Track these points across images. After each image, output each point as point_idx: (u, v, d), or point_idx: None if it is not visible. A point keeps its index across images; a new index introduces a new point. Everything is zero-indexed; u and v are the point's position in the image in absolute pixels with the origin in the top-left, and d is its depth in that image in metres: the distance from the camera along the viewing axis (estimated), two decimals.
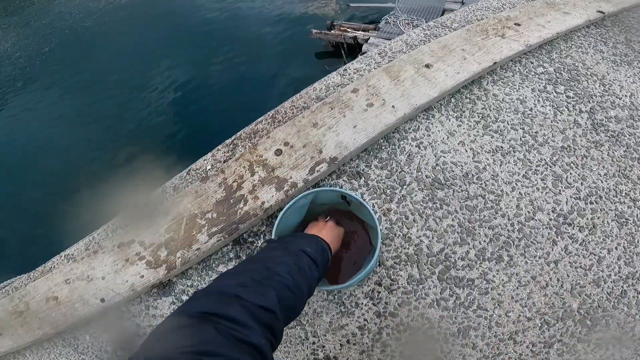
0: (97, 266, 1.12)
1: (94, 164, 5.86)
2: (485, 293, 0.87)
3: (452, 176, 1.01)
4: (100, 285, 1.09)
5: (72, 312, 1.09)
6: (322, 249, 0.71)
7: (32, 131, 7.12)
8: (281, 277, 0.54)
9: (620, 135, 1.10)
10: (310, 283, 0.60)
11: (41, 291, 1.15)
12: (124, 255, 1.11)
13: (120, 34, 9.57)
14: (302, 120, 1.22)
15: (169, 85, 7.50)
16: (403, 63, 1.34)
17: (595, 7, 1.68)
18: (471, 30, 1.49)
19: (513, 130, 1.10)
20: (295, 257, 0.61)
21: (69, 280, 1.14)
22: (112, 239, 1.15)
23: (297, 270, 0.58)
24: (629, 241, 0.94)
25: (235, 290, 0.47)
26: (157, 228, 1.12)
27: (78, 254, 1.23)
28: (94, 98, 7.61)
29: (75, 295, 1.10)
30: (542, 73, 1.26)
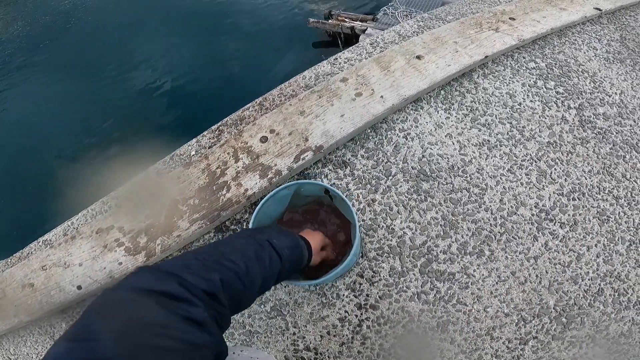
0: (74, 252, 1.10)
1: (77, 148, 5.77)
2: (465, 287, 0.88)
3: (437, 168, 1.01)
4: (77, 272, 1.07)
5: (48, 299, 1.07)
6: (295, 245, 0.68)
7: (15, 113, 6.97)
8: (232, 263, 0.52)
9: (607, 132, 1.11)
10: (266, 276, 0.57)
11: (17, 278, 1.13)
12: (102, 242, 1.09)
13: (115, 17, 9.39)
14: (290, 108, 1.21)
15: (160, 70, 7.40)
16: (394, 54, 1.33)
17: (593, 4, 1.68)
18: (465, 23, 1.48)
19: (501, 124, 1.10)
20: (257, 247, 0.59)
21: (46, 266, 1.12)
22: (91, 225, 1.13)
23: (255, 259, 0.56)
24: (609, 239, 0.95)
25: (176, 269, 0.45)
26: (137, 214, 1.11)
27: (55, 240, 1.20)
28: (82, 80, 7.48)
29: (52, 282, 1.08)
30: (533, 68, 1.26)
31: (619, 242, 0.95)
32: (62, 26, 9.54)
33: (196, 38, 8.15)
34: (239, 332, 0.95)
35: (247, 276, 0.53)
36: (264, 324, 0.94)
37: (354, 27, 7.48)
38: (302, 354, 0.91)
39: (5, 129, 6.63)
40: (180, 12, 9.24)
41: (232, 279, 0.50)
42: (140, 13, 9.33)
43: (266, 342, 0.95)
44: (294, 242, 0.68)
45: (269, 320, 0.95)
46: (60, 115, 6.54)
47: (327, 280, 0.86)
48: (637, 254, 0.94)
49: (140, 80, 7.19)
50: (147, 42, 8.14)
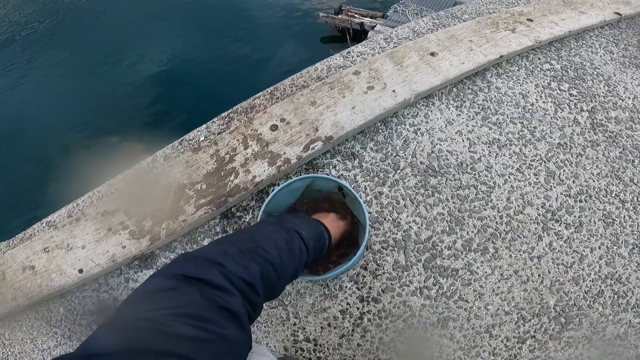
0: (78, 234, 1.12)
1: (83, 131, 5.87)
2: (467, 284, 0.91)
3: (446, 164, 1.06)
4: (79, 255, 1.10)
5: (48, 283, 1.09)
6: (320, 235, 0.70)
7: (23, 99, 7.10)
8: (267, 253, 0.53)
9: (618, 136, 1.15)
10: (297, 266, 0.59)
11: (18, 260, 1.15)
12: (107, 224, 1.12)
13: (126, 6, 9.51)
14: (301, 98, 1.24)
15: (168, 58, 7.52)
16: (408, 49, 1.36)
17: (613, 8, 1.70)
18: (481, 22, 1.50)
19: (512, 123, 1.15)
20: (287, 236, 0.60)
21: (48, 248, 1.14)
22: (97, 207, 1.16)
23: (287, 250, 0.57)
24: (612, 241, 0.99)
25: (217, 257, 0.47)
26: (144, 197, 1.14)
27: (60, 221, 1.23)
28: (88, 64, 7.60)
29: (53, 265, 1.11)
30: (548, 70, 1.29)
31: (622, 245, 0.99)
32: (73, 15, 9.70)
33: (206, 28, 8.29)
34: None
35: (281, 266, 0.54)
36: (264, 314, 0.97)
37: (363, 23, 7.57)
38: (302, 344, 0.95)
39: (13, 112, 6.77)
40: (191, 1, 9.36)
41: (268, 269, 0.51)
42: (152, 2, 9.47)
43: (266, 331, 0.98)
44: (317, 231, 0.69)
45: (270, 309, 0.98)
46: (69, 100, 6.66)
47: (329, 277, 0.89)
48: (639, 258, 0.97)
49: (150, 67, 7.32)
50: (157, 31, 8.27)
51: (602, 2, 1.79)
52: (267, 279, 0.51)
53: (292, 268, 0.57)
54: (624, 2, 1.81)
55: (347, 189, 0.88)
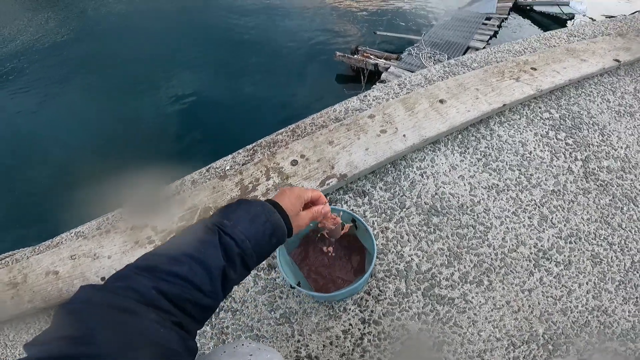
0: (106, 245, 1.27)
1: (111, 154, 6.54)
2: (462, 312, 1.11)
3: (448, 205, 1.25)
4: (104, 264, 1.23)
5: (69, 288, 1.20)
6: (255, 215, 0.64)
7: (50, 120, 7.94)
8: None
9: (609, 185, 1.33)
10: (213, 259, 0.56)
11: (44, 264, 1.27)
12: (135, 237, 1.27)
13: (151, 35, 10.69)
14: (320, 137, 1.50)
15: (190, 90, 8.39)
16: (419, 96, 1.62)
17: (613, 55, 1.94)
18: (488, 71, 1.76)
19: (510, 170, 1.34)
20: (200, 239, 0.58)
21: (75, 256, 1.27)
22: (127, 221, 1.33)
23: (198, 251, 0.56)
24: (600, 278, 1.15)
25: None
26: (171, 216, 1.31)
27: (89, 232, 1.39)
28: (117, 91, 8.51)
29: (77, 272, 1.23)
30: (547, 118, 1.52)
31: (609, 281, 1.14)
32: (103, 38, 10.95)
33: (226, 62, 9.23)
34: (246, 335, 1.10)
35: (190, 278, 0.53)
36: (271, 330, 1.09)
37: (377, 64, 8.17)
38: None
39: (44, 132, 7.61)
40: (213, 36, 10.48)
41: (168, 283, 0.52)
42: (178, 35, 10.65)
43: (271, 346, 1.16)
44: (252, 213, 0.64)
45: (277, 326, 1.10)
46: (98, 123, 7.50)
47: (335, 297, 1.07)
48: (625, 292, 1.13)
49: (176, 99, 8.19)
50: (186, 63, 9.29)
51: (603, 49, 2.01)
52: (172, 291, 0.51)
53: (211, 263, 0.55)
54: (624, 49, 2.02)
55: (359, 222, 1.07)
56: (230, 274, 0.58)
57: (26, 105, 8.54)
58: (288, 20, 11.44)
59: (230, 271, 0.58)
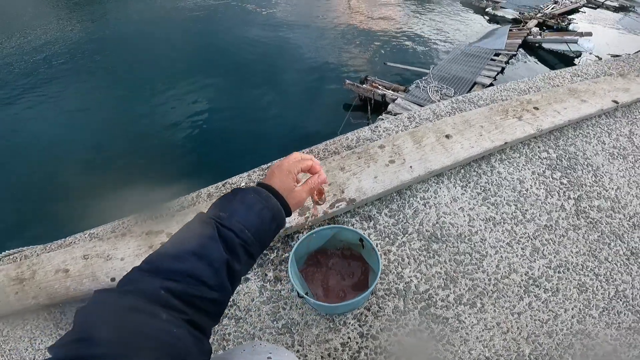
0: (120, 247, 1.35)
1: (121, 166, 7.03)
2: (455, 331, 1.25)
3: (447, 234, 1.42)
4: (116, 265, 1.30)
5: (77, 286, 1.26)
6: (251, 204, 0.66)
7: (61, 125, 8.46)
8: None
9: (598, 223, 1.48)
10: (213, 253, 0.59)
11: (55, 262, 1.33)
12: (149, 242, 1.36)
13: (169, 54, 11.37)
14: (332, 163, 1.71)
15: (198, 110, 9.07)
16: (427, 130, 1.83)
17: (612, 96, 2.12)
18: (493, 109, 1.97)
19: (507, 205, 1.50)
20: (201, 235, 0.60)
21: (88, 256, 1.34)
22: (143, 227, 1.43)
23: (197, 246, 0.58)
24: (585, 305, 1.28)
25: None
26: None
27: (104, 234, 1.47)
28: (127, 101, 9.17)
29: (88, 271, 1.29)
30: (545, 158, 1.70)
31: (593, 308, 1.27)
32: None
33: (235, 82, 9.95)
34: (236, 345, 1.15)
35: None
36: (272, 339, 1.17)
37: (385, 95, 8.60)
38: None
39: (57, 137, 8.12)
40: (226, 59, 11.33)
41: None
42: (192, 54, 11.56)
43: None
44: (247, 202, 0.66)
45: (278, 335, 1.18)
46: (108, 135, 8.03)
47: (338, 309, 1.21)
48: (608, 318, 1.25)
49: (186, 120, 8.83)
50: (199, 83, 10.06)
51: (604, 89, 2.15)
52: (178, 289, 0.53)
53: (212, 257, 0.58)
54: (624, 90, 2.16)
55: (367, 241, 1.22)
56: (235, 266, 0.60)
57: (42, 107, 9.08)
58: (301, 46, 12.29)
59: (234, 263, 0.60)
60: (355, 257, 1.34)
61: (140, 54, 11.62)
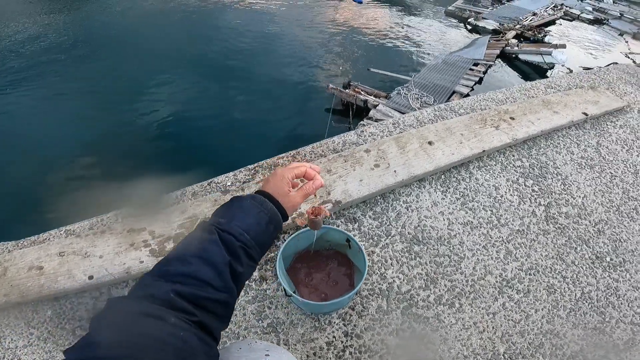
0: (99, 245, 1.33)
1: (102, 162, 6.85)
2: (435, 330, 1.32)
3: (428, 237, 1.49)
4: (95, 263, 1.28)
5: (51, 284, 1.23)
6: (248, 208, 0.70)
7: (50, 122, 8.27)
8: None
9: (566, 228, 1.59)
10: (215, 257, 0.61)
11: (28, 259, 1.30)
12: (130, 240, 1.35)
13: (148, 53, 11.44)
14: (319, 165, 1.75)
15: (184, 109, 9.01)
16: (411, 136, 1.90)
17: (582, 108, 2.27)
18: (473, 117, 2.07)
19: (484, 210, 1.60)
20: (202, 239, 0.63)
21: (64, 253, 1.31)
22: (124, 224, 1.41)
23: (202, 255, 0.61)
24: (553, 305, 1.37)
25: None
26: (170, 222, 1.43)
27: (82, 231, 1.44)
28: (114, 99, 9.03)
29: (64, 269, 1.26)
30: (519, 166, 1.81)
31: (561, 309, 1.37)
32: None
33: (221, 86, 9.96)
34: (231, 342, 1.17)
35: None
36: (257, 338, 1.18)
37: (367, 100, 8.80)
38: None
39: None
40: (210, 61, 11.33)
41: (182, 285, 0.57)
42: (178, 57, 11.40)
43: None
44: (244, 207, 0.70)
45: (263, 335, 1.20)
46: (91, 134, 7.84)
47: (324, 308, 1.25)
48: (574, 319, 1.35)
49: (171, 119, 8.78)
50: (175, 86, 9.99)
51: (575, 102, 2.29)
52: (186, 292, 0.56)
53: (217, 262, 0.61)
54: (593, 102, 2.31)
55: (353, 242, 1.27)
56: (237, 268, 0.63)
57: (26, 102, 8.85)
58: (287, 50, 12.43)
59: (236, 265, 0.63)
60: (340, 257, 1.38)
61: (124, 52, 11.45)
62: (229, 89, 9.74)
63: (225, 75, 10.41)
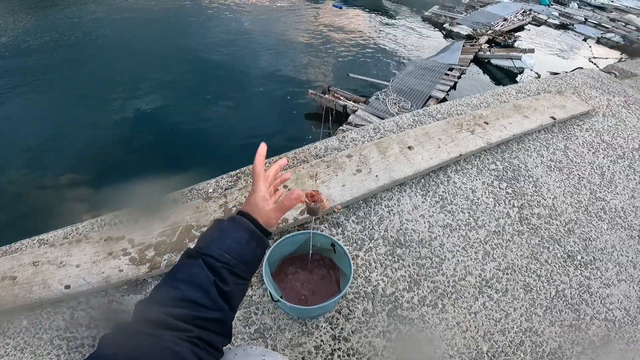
0: (75, 254, 1.31)
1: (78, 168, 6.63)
2: (421, 331, 1.36)
3: (410, 239, 1.53)
4: (71, 272, 1.26)
5: (26, 294, 1.21)
6: (226, 230, 0.73)
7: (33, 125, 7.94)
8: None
9: (539, 229, 1.68)
10: (202, 284, 0.65)
11: (0, 269, 1.28)
12: (108, 249, 1.33)
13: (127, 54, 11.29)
14: (302, 171, 1.76)
15: (162, 116, 8.87)
16: (391, 141, 1.95)
17: (551, 112, 2.38)
18: (450, 122, 2.14)
19: (462, 213, 1.66)
20: (187, 266, 0.68)
21: (38, 262, 1.29)
22: (101, 232, 1.39)
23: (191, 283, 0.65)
24: (530, 304, 1.44)
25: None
26: (150, 230, 1.41)
27: (56, 240, 1.41)
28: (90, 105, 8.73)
29: (38, 278, 1.24)
30: (493, 169, 1.89)
31: (538, 307, 1.44)
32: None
33: (198, 89, 9.88)
34: (225, 348, 1.28)
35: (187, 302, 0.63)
36: (245, 344, 1.17)
37: (346, 106, 8.91)
38: None
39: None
40: (190, 66, 11.19)
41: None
42: (154, 58, 11.21)
43: None
44: (222, 229, 0.74)
45: (251, 341, 1.20)
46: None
47: (311, 312, 1.26)
48: (551, 316, 1.42)
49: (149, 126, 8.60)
50: (150, 88, 9.78)
51: (543, 106, 2.40)
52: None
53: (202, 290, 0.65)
54: (560, 107, 2.43)
55: (338, 246, 1.29)
56: (224, 287, 0.67)
57: None
58: (266, 55, 12.41)
59: (222, 284, 0.67)
60: (326, 261, 1.40)
61: (101, 56, 11.17)
62: (206, 95, 9.69)
63: (203, 82, 10.37)
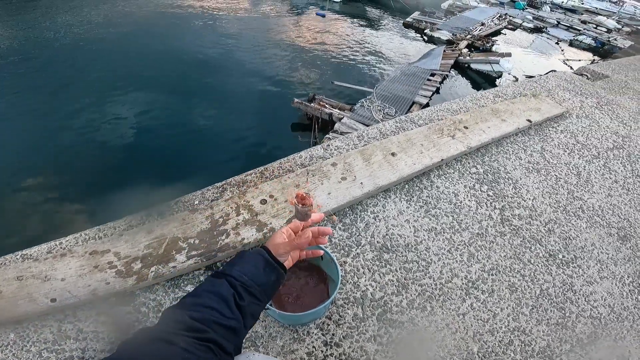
0: (60, 268, 1.31)
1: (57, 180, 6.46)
2: (411, 333, 1.39)
3: (396, 244, 1.57)
4: (56, 286, 1.26)
5: (11, 308, 1.22)
6: (250, 262, 0.87)
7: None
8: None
9: (520, 229, 1.74)
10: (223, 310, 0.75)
11: None
12: (94, 262, 1.34)
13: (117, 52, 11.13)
14: (287, 180, 1.77)
15: (138, 125, 8.74)
16: (375, 148, 1.98)
17: (527, 116, 2.46)
18: (431, 128, 2.19)
19: (445, 216, 1.71)
20: (212, 287, 0.79)
21: (22, 277, 1.29)
22: (85, 247, 1.40)
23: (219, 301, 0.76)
24: (516, 303, 1.48)
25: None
26: (136, 243, 1.41)
27: (39, 255, 1.42)
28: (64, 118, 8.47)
29: (23, 292, 1.25)
30: (474, 173, 1.94)
31: (524, 306, 1.48)
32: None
33: (182, 103, 9.88)
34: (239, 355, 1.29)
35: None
36: (247, 351, 1.19)
37: (332, 114, 9.05)
38: None
39: None
40: (173, 76, 11.20)
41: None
42: (139, 63, 11.17)
43: None
44: (245, 257, 0.88)
45: (243, 349, 1.18)
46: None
47: (302, 319, 1.27)
48: (537, 315, 1.46)
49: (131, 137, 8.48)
50: (136, 92, 9.79)
51: (520, 109, 2.48)
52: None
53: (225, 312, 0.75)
54: (536, 109, 2.52)
55: (326, 253, 1.31)
56: (240, 301, 0.78)
57: None
58: (251, 65, 12.59)
59: (239, 299, 0.79)
60: (314, 269, 1.41)
61: (80, 66, 11.07)
62: (191, 105, 9.77)
63: (187, 92, 10.42)
